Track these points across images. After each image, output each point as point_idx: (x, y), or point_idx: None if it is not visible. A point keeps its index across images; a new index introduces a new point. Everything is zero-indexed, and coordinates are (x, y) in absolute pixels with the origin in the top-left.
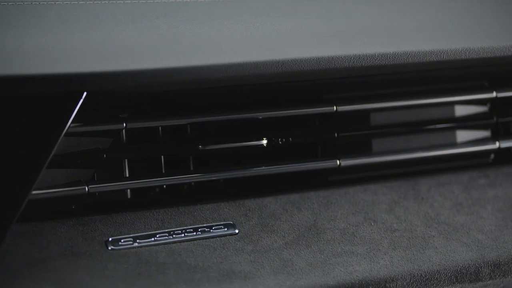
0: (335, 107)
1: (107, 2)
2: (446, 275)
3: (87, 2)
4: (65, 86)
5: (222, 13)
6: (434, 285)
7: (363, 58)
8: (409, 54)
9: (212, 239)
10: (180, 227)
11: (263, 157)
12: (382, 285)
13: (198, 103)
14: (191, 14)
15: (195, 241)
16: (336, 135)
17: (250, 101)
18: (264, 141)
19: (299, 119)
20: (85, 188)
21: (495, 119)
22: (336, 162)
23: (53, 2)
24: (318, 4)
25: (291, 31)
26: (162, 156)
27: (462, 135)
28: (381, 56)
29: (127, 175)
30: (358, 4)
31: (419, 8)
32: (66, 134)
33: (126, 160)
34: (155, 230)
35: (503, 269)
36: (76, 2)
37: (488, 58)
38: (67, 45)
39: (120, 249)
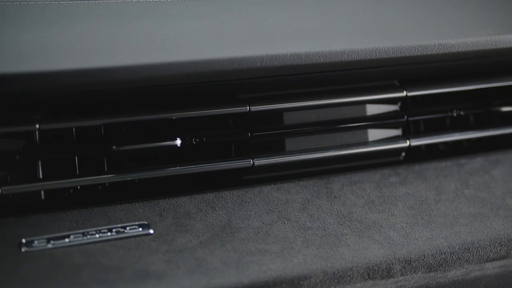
0: (248, 107)
1: (18, 3)
2: (359, 272)
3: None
4: None
5: (133, 15)
6: (347, 282)
7: (276, 58)
8: (321, 54)
9: (126, 240)
10: (95, 227)
11: (178, 157)
12: (296, 282)
13: (113, 103)
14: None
15: (109, 242)
16: (249, 134)
17: (165, 101)
18: (178, 141)
19: (213, 119)
20: None
21: (405, 117)
22: (250, 161)
23: None
24: (232, 5)
25: (204, 32)
26: (76, 157)
27: (374, 134)
28: (294, 56)
29: (41, 176)
30: (272, 5)
31: (331, 8)
32: None
33: (39, 162)
34: (69, 231)
35: (413, 265)
36: None
37: (398, 57)
38: None
39: (33, 251)
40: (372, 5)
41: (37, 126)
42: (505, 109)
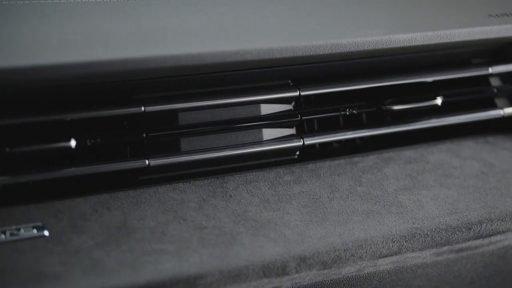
0: (143, 108)
1: None
2: (254, 270)
3: None
4: None
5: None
6: (243, 280)
7: (170, 59)
8: (215, 54)
9: (21, 242)
10: None
11: (73, 158)
12: (192, 282)
13: (5, 105)
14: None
15: (3, 244)
16: (144, 135)
17: (59, 102)
18: (73, 142)
19: (109, 119)
20: None
21: (299, 117)
22: (145, 161)
23: None
24: (125, 6)
25: (97, 32)
26: None
27: (269, 133)
28: (187, 56)
29: None
30: (165, 6)
31: (225, 9)
32: None
33: None
34: None
35: (308, 262)
36: None
37: (291, 57)
38: None
39: None
40: (266, 6)
41: None
42: (397, 107)
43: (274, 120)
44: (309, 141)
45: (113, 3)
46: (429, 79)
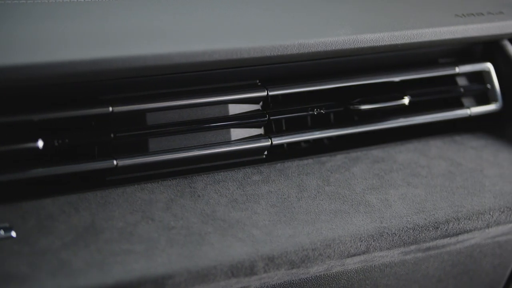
0: (111, 108)
1: None
2: (222, 270)
3: None
4: None
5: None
6: (211, 280)
7: (137, 59)
8: (183, 54)
9: None
10: None
11: (41, 159)
12: (160, 282)
13: None
14: None
15: None
16: (112, 135)
17: (25, 103)
18: (40, 143)
19: (77, 120)
20: None
21: (267, 117)
22: (113, 162)
23: None
24: (92, 6)
25: (64, 32)
26: None
27: (237, 133)
28: (155, 57)
29: None
30: (133, 6)
31: (193, 8)
32: None
33: None
34: None
35: (276, 262)
36: None
37: (259, 57)
38: None
39: None
40: (233, 6)
41: None
42: (364, 107)
43: (242, 120)
44: (277, 141)
45: (80, 3)
46: (397, 78)
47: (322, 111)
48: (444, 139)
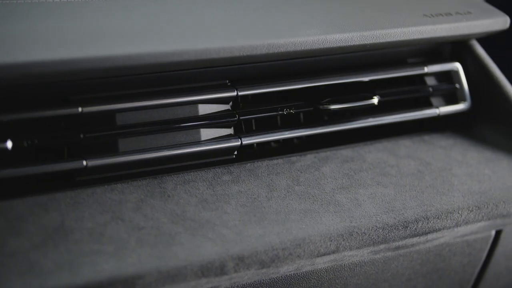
0: (80, 109)
1: None
2: (192, 270)
3: None
4: None
5: None
6: (181, 280)
7: (107, 60)
8: (152, 55)
9: None
10: None
11: (10, 159)
12: (130, 282)
13: None
14: None
15: None
16: (82, 136)
17: None
18: (9, 144)
19: (47, 120)
20: None
21: (237, 117)
22: (83, 162)
23: None
24: (58, 7)
25: (34, 32)
26: None
27: (207, 133)
28: (124, 57)
29: None
30: (100, 6)
31: (161, 9)
32: None
33: None
34: None
35: (246, 262)
36: None
37: (229, 57)
38: None
39: None
40: (203, 6)
41: None
42: (334, 107)
43: (212, 120)
44: (247, 141)
45: (49, 4)
46: (366, 78)
47: (291, 111)
48: (413, 138)
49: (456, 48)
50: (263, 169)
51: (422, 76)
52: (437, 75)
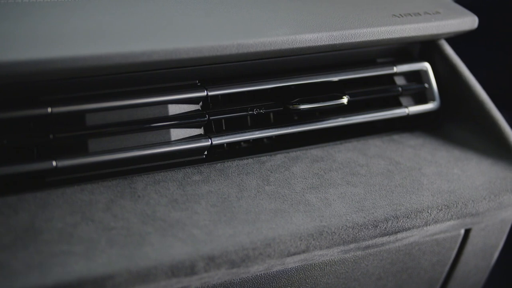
0: (50, 109)
1: None
2: (163, 270)
3: None
4: None
5: None
6: (151, 280)
7: (77, 60)
8: (121, 55)
9: None
10: None
11: None
12: (100, 282)
13: None
14: None
15: None
16: (52, 136)
17: None
18: None
19: (15, 121)
20: None
21: (207, 117)
22: (52, 163)
23: None
24: (29, 7)
25: (3, 32)
26: None
27: (177, 133)
28: (94, 57)
29: None
30: (72, 6)
31: (132, 9)
32: None
33: None
34: None
35: (217, 262)
36: None
37: (198, 57)
38: None
39: None
40: (172, 6)
41: None
42: (303, 107)
43: (182, 120)
44: (217, 141)
45: (18, 4)
46: (336, 78)
47: (261, 111)
48: (383, 138)
49: (425, 48)
50: (233, 169)
51: (391, 76)
52: (406, 74)
